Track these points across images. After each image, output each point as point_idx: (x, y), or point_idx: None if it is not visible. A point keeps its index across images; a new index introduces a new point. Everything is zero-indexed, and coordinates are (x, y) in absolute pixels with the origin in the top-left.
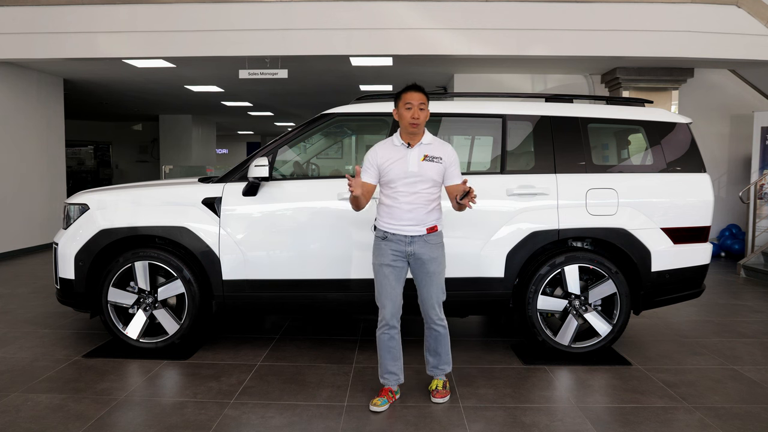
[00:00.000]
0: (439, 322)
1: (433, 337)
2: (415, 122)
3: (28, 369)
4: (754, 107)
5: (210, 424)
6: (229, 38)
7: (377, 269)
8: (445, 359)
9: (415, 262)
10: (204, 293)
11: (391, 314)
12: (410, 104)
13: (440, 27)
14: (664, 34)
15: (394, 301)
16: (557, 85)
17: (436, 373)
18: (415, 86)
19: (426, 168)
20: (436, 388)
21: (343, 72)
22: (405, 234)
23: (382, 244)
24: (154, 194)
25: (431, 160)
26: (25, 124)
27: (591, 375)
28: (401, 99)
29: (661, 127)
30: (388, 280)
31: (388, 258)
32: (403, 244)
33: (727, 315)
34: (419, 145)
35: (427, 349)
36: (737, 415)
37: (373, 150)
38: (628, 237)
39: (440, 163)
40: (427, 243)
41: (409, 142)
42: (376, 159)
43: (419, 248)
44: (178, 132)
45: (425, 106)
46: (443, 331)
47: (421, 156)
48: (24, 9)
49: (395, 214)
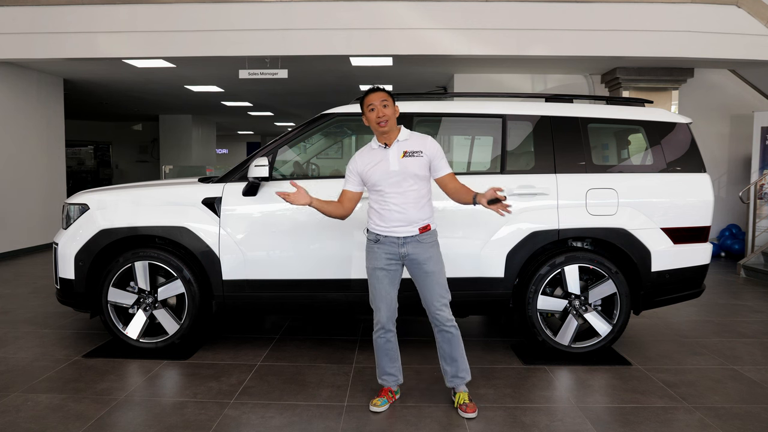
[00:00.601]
0: (449, 323)
1: (446, 340)
2: (381, 120)
3: (28, 369)
4: (754, 107)
5: (210, 424)
6: (229, 38)
7: (371, 273)
8: (462, 366)
9: (410, 264)
10: (204, 293)
11: (387, 318)
12: (372, 105)
13: (440, 27)
14: (664, 34)
15: (389, 304)
16: (557, 85)
17: (457, 383)
18: (373, 88)
19: (407, 164)
20: (463, 402)
21: (343, 72)
22: (397, 235)
23: (374, 247)
24: (154, 194)
25: (411, 155)
26: (25, 124)
27: (591, 375)
28: (364, 104)
29: (661, 127)
30: (382, 284)
31: (381, 261)
32: (396, 246)
33: (727, 315)
34: (396, 142)
35: (442, 357)
36: (737, 415)
37: (352, 159)
38: (628, 237)
39: (421, 157)
40: (421, 243)
41: (386, 143)
42: (356, 167)
43: (413, 249)
44: (178, 132)
45: (388, 102)
46: (455, 332)
47: (400, 153)
48: (24, 9)
49: (385, 216)
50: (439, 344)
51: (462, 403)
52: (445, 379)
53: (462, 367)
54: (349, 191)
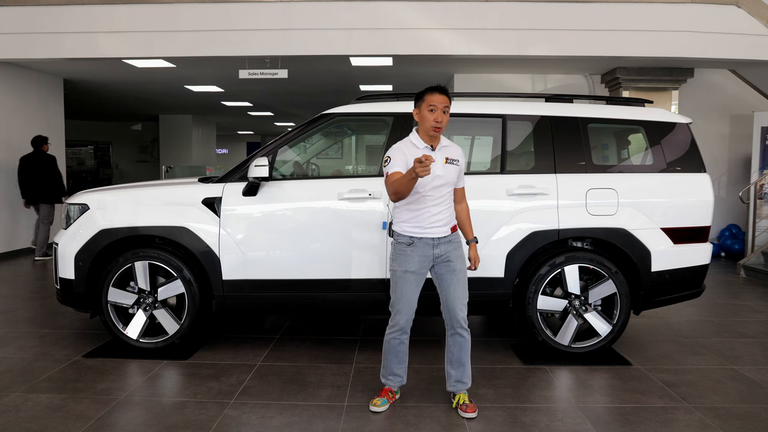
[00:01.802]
0: (465, 326)
1: (458, 345)
2: (438, 126)
3: (28, 369)
4: (754, 107)
5: (210, 424)
6: (229, 38)
7: (400, 275)
8: (468, 371)
9: (440, 264)
10: (204, 293)
11: (407, 320)
12: (434, 106)
13: (440, 27)
14: (664, 34)
15: (412, 307)
16: (557, 85)
17: (460, 388)
18: (439, 87)
19: (449, 171)
20: (464, 402)
21: (343, 72)
22: (432, 237)
23: (407, 250)
24: (154, 194)
25: (452, 163)
26: (25, 124)
27: (591, 375)
28: (424, 100)
29: (661, 127)
30: (410, 287)
31: (414, 265)
32: (431, 248)
33: (727, 315)
34: (440, 147)
35: (449, 361)
36: (737, 415)
37: (396, 149)
38: (628, 237)
39: (458, 166)
40: (451, 242)
41: (432, 145)
42: (404, 157)
43: (444, 249)
44: (178, 132)
45: (449, 109)
46: (468, 336)
47: (443, 159)
48: (24, 9)
49: (423, 218)
50: (449, 347)
51: (462, 403)
52: (448, 383)
53: (467, 373)
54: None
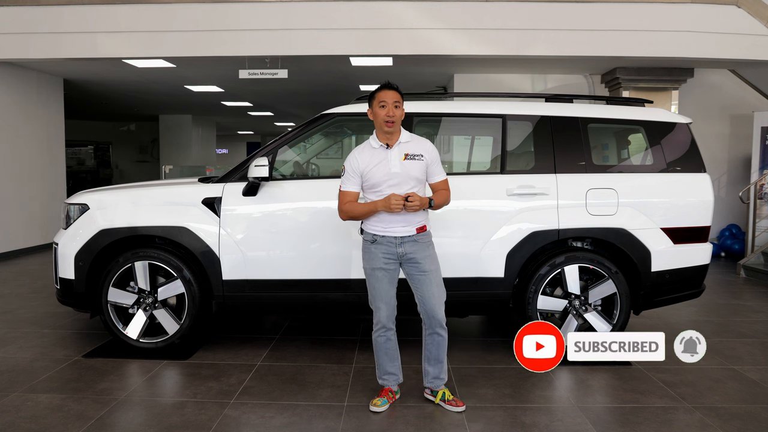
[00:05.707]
0: (443, 324)
1: (436, 344)
2: (390, 120)
3: (28, 369)
4: (754, 107)
5: (210, 424)
6: (229, 38)
7: (369, 273)
8: (445, 368)
9: (407, 264)
10: (204, 293)
11: (387, 317)
12: (384, 102)
13: (440, 27)
14: (664, 34)
15: (389, 303)
16: (557, 85)
17: (438, 384)
18: (388, 84)
19: (408, 167)
20: (450, 398)
21: (343, 72)
22: (395, 235)
23: (371, 247)
24: (154, 194)
25: (413, 158)
26: (25, 124)
27: (591, 375)
28: (375, 98)
29: (661, 127)
30: (381, 284)
31: (379, 261)
32: (394, 246)
33: (727, 315)
34: (398, 144)
35: (427, 360)
36: (737, 415)
37: (352, 157)
38: (628, 237)
39: (422, 160)
40: (417, 243)
41: (388, 143)
42: (358, 166)
43: (410, 248)
44: (178, 132)
45: (400, 104)
46: (445, 335)
47: (401, 155)
48: (24, 9)
49: (383, 216)
50: (426, 346)
51: (449, 399)
52: (425, 380)
53: (444, 369)
54: (352, 192)
